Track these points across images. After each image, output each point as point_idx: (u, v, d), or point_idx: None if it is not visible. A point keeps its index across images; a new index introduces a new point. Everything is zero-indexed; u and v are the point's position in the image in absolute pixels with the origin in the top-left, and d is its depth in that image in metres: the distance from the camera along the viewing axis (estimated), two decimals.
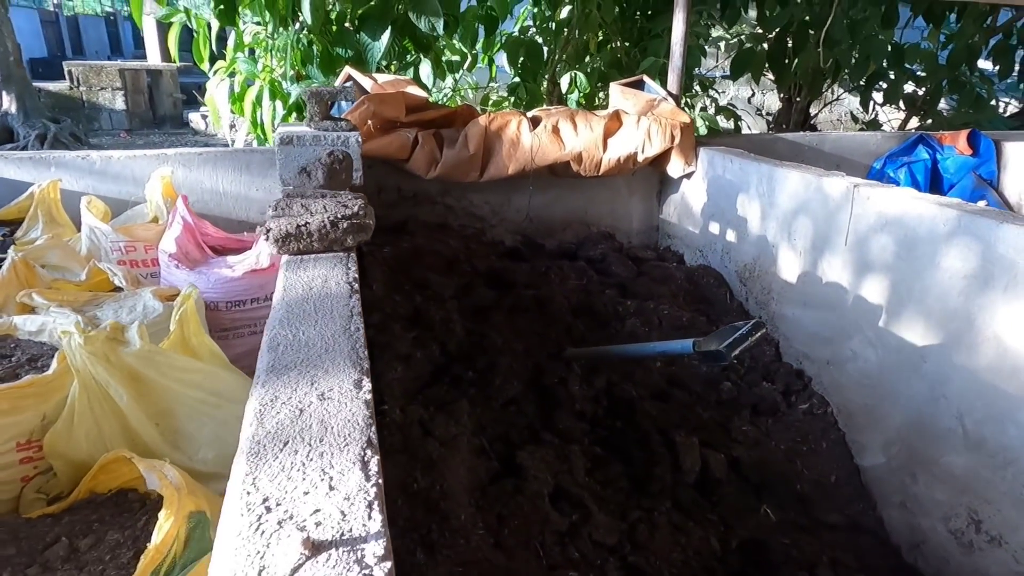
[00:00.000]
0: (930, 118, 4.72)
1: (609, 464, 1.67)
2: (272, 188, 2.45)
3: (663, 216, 2.95)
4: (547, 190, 2.79)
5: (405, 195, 2.68)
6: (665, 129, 2.57)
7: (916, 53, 4.35)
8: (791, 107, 4.62)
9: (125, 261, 2.11)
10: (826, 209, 1.99)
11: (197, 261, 2.04)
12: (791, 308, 2.18)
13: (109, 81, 9.72)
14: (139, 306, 1.78)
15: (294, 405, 0.78)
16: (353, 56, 3.06)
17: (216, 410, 1.47)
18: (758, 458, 1.81)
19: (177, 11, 3.23)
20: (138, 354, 1.39)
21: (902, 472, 1.73)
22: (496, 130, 2.49)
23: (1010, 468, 1.46)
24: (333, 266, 1.25)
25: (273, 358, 0.89)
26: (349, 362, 0.87)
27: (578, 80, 3.78)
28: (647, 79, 2.84)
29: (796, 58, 4.04)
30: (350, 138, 1.86)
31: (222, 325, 1.94)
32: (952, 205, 1.62)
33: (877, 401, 1.83)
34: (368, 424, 0.73)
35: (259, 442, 0.71)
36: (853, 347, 1.91)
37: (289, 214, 1.38)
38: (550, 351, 1.99)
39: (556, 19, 3.96)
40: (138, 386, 1.40)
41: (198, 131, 9.80)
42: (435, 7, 2.93)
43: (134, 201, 2.37)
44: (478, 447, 1.58)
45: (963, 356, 1.57)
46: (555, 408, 1.78)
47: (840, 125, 6.48)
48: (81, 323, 1.37)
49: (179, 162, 2.39)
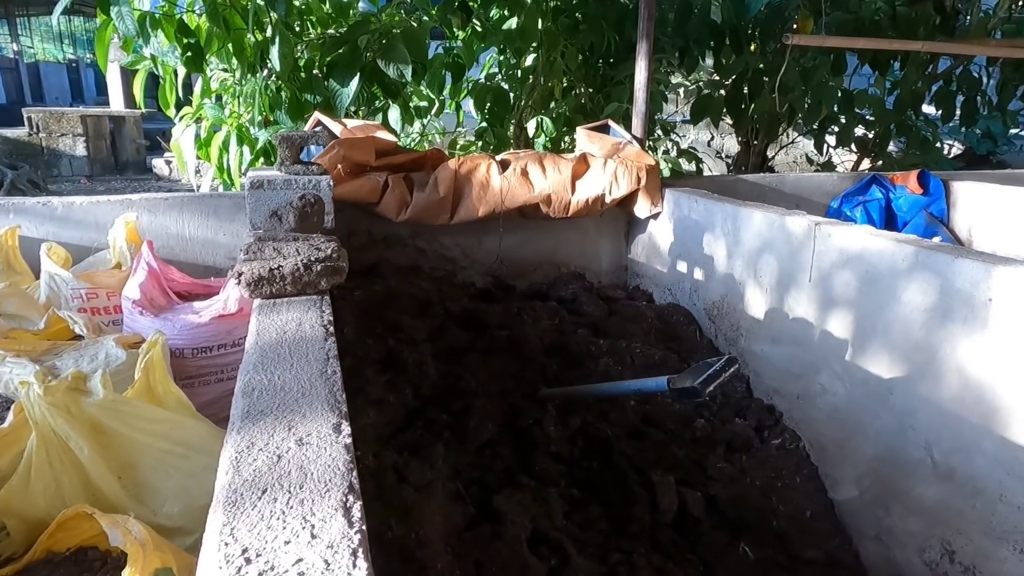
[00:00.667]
0: (881, 159, 4.93)
1: (587, 506, 1.65)
2: (240, 233, 2.43)
3: (632, 256, 3.00)
4: (517, 232, 2.81)
5: (376, 238, 2.68)
6: (631, 171, 2.63)
7: (865, 99, 4.56)
8: (749, 150, 4.78)
9: (86, 308, 2.05)
10: (790, 247, 2.04)
11: (162, 307, 1.99)
12: (760, 344, 2.21)
13: (70, 127, 9.59)
14: (101, 354, 1.72)
15: (272, 451, 0.76)
16: (322, 102, 3.09)
17: (183, 461, 1.41)
18: (734, 495, 1.81)
19: (143, 58, 3.23)
20: (101, 404, 1.34)
21: (875, 505, 1.75)
22: (466, 173, 2.52)
23: (979, 498, 1.49)
24: (307, 309, 1.24)
25: (248, 403, 0.87)
26: (327, 406, 0.86)
27: (545, 125, 3.86)
28: (612, 123, 2.92)
29: (752, 103, 4.20)
30: (321, 182, 1.86)
31: (188, 373, 1.88)
32: (909, 241, 1.68)
33: (847, 434, 1.85)
34: (349, 469, 0.71)
35: (236, 491, 0.68)
36: (822, 381, 1.94)
37: (261, 258, 1.37)
38: (525, 392, 1.98)
39: (522, 66, 4.06)
40: (100, 438, 1.35)
41: (162, 177, 9.68)
42: (403, 55, 2.99)
43: (97, 247, 2.32)
44: (454, 492, 1.55)
45: (928, 388, 1.61)
46: (531, 450, 1.77)
47: (796, 167, 6.72)
48: (41, 373, 1.32)
49: (144, 207, 2.36)
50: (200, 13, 3.04)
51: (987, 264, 1.47)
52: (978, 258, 1.50)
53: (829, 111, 4.43)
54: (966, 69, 4.76)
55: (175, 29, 2.94)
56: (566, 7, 3.94)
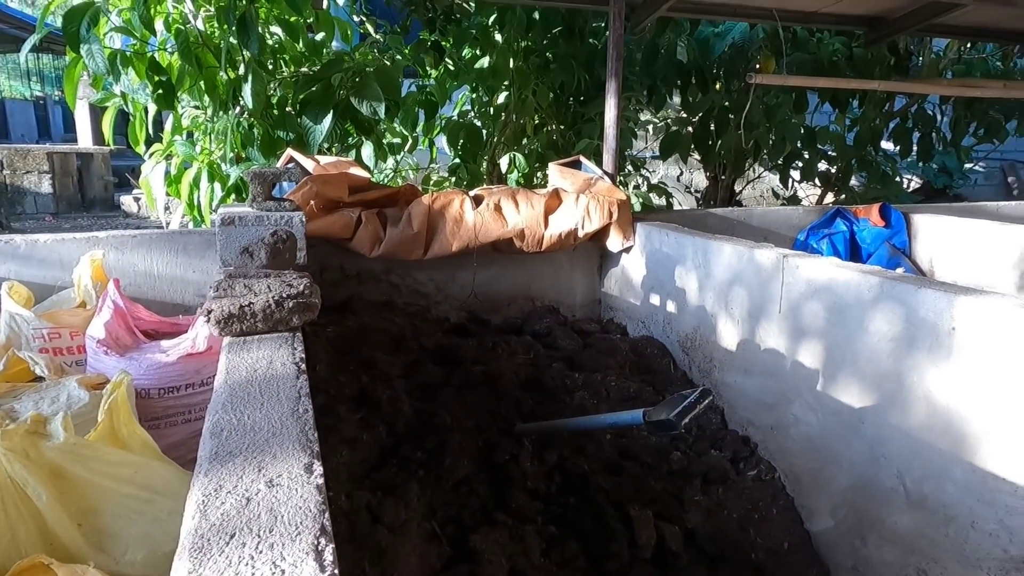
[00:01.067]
0: (844, 193, 5.08)
1: (565, 542, 1.63)
2: (210, 270, 2.39)
3: (605, 289, 3.02)
4: (491, 266, 2.82)
5: (349, 274, 2.66)
6: (603, 206, 2.67)
7: (826, 135, 4.72)
8: (717, 184, 4.89)
9: (48, 349, 2.00)
10: (759, 279, 2.08)
11: (128, 347, 1.94)
12: (733, 375, 2.23)
13: (36, 164, 9.43)
14: (63, 396, 1.67)
15: (240, 494, 0.74)
16: (295, 139, 3.09)
17: (147, 506, 1.36)
18: (712, 528, 1.80)
19: (113, 95, 3.21)
20: (61, 448, 1.29)
21: (851, 535, 1.76)
22: (439, 209, 2.53)
23: (951, 525, 1.50)
24: (279, 346, 1.22)
25: (216, 444, 0.85)
26: (298, 445, 0.84)
27: (517, 161, 3.91)
28: (584, 159, 2.97)
29: (719, 140, 4.31)
30: (294, 218, 1.85)
31: (154, 414, 1.83)
32: (874, 272, 1.72)
33: (821, 464, 1.86)
34: (321, 511, 0.70)
35: (203, 536, 0.66)
36: (794, 412, 1.96)
37: (232, 295, 1.35)
38: (500, 427, 1.96)
39: (494, 104, 4.13)
40: (60, 483, 1.30)
41: (130, 214, 9.54)
42: (377, 93, 3.02)
43: (61, 286, 2.26)
44: (429, 532, 1.52)
45: (898, 416, 1.63)
46: (508, 486, 1.74)
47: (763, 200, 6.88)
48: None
49: (111, 244, 2.31)
50: (172, 51, 3.04)
51: (949, 294, 1.51)
52: (940, 288, 1.54)
53: (793, 147, 4.57)
54: (921, 107, 4.97)
55: (146, 67, 2.94)
56: (537, 47, 4.03)
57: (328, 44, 3.65)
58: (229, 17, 2.87)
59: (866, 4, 3.63)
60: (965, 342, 1.47)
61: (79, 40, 2.62)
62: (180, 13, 3.08)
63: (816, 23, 3.92)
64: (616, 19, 2.81)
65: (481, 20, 3.96)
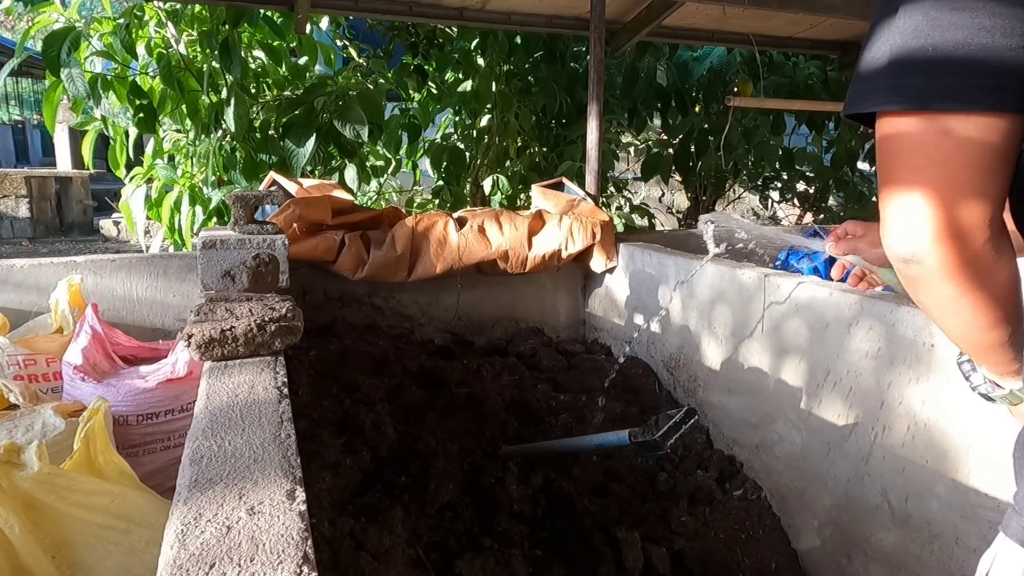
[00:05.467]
0: (822, 213, 5.16)
1: (551, 567, 1.61)
2: (190, 293, 2.37)
3: (589, 310, 3.03)
4: (475, 288, 2.82)
5: (331, 296, 2.64)
6: (586, 227, 2.69)
7: (804, 156, 4.81)
8: (699, 205, 4.95)
9: (23, 376, 1.95)
10: (742, 298, 2.10)
11: (106, 372, 1.91)
12: (717, 395, 2.24)
13: (13, 189, 9.32)
14: (37, 424, 1.63)
15: (220, 522, 0.72)
16: (277, 162, 3.09)
17: (123, 536, 1.33)
18: (699, 549, 1.79)
19: (93, 119, 3.20)
20: (35, 478, 1.26)
21: (837, 554, 1.75)
22: (423, 231, 2.53)
23: (936, 542, 1.51)
24: (260, 371, 1.20)
25: (196, 472, 0.83)
26: (280, 472, 0.82)
27: (500, 183, 3.93)
28: (566, 181, 2.99)
29: (699, 161, 4.38)
30: (276, 241, 1.84)
31: (132, 441, 1.80)
32: (854, 291, 1.75)
33: (806, 483, 1.87)
34: (304, 538, 0.68)
35: (181, 566, 0.64)
36: (779, 430, 1.96)
37: (212, 319, 1.33)
38: (485, 450, 1.94)
39: (477, 127, 4.16)
40: (33, 515, 1.26)
41: (109, 238, 9.44)
42: (360, 116, 3.03)
43: (37, 311, 2.23)
44: (414, 558, 1.50)
45: (880, 433, 1.64)
46: (493, 510, 1.73)
47: None
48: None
49: (89, 269, 2.28)
50: (154, 75, 3.04)
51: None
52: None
53: (771, 168, 4.64)
54: None
55: (127, 90, 2.93)
56: (519, 71, 4.08)
57: (311, 68, 3.67)
58: (212, 41, 2.88)
59: (838, 30, 3.73)
60: (943, 359, 1.49)
61: (59, 64, 2.61)
62: (162, 37, 3.08)
63: (791, 47, 4.01)
64: (596, 44, 2.85)
65: (463, 45, 4.00)
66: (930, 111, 0.58)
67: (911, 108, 0.58)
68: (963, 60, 0.56)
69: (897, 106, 0.59)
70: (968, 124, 0.57)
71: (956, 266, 0.61)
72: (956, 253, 0.60)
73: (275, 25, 3.24)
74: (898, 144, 0.60)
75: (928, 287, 0.65)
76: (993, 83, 0.55)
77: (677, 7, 3.21)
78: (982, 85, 0.56)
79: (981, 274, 0.62)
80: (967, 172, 0.57)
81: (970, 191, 0.58)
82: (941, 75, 0.56)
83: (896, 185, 0.61)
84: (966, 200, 0.58)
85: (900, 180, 0.61)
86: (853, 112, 0.64)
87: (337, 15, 3.97)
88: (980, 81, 0.56)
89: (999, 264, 0.63)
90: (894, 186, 0.62)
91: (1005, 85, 0.55)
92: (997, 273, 0.63)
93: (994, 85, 0.55)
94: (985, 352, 0.72)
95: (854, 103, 0.64)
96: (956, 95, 0.56)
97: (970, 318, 0.66)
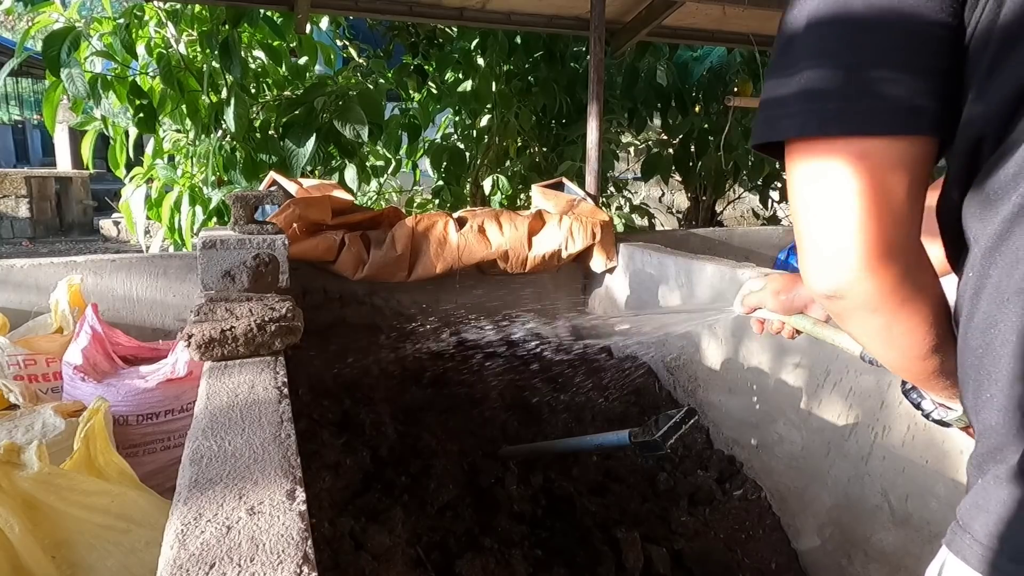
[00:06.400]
0: None
1: (551, 567, 1.61)
2: (190, 294, 2.37)
3: (588, 309, 3.03)
4: (474, 288, 2.82)
5: (331, 296, 2.64)
6: (586, 227, 2.69)
7: None
8: (699, 205, 4.95)
9: (23, 376, 1.95)
10: None
11: (106, 372, 1.91)
12: (717, 395, 2.24)
13: (13, 189, 9.32)
14: (37, 424, 1.63)
15: (220, 522, 0.72)
16: (277, 162, 3.09)
17: (123, 536, 1.33)
18: (699, 549, 1.79)
19: (93, 119, 3.20)
20: (35, 478, 1.26)
21: (837, 554, 1.75)
22: (423, 231, 2.53)
23: (936, 542, 1.50)
24: (260, 371, 1.20)
25: (196, 472, 0.83)
26: (280, 472, 0.82)
27: (500, 183, 3.93)
28: (566, 181, 2.99)
29: (699, 161, 4.37)
30: (276, 241, 1.84)
31: (132, 441, 1.80)
32: None
33: (806, 483, 1.87)
34: (304, 538, 0.68)
35: (181, 566, 0.64)
36: (779, 430, 1.96)
37: (213, 319, 1.33)
38: (485, 450, 1.94)
39: (477, 127, 4.16)
40: (33, 514, 1.26)
41: (109, 238, 9.44)
42: (360, 116, 3.03)
43: (37, 312, 2.23)
44: (414, 558, 1.50)
45: (880, 433, 1.64)
46: (493, 510, 1.73)
47: (744, 221, 6.97)
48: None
49: (89, 269, 2.28)
50: (154, 75, 3.04)
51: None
52: None
53: (772, 168, 4.64)
54: None
55: (127, 91, 2.93)
56: (519, 71, 4.08)
57: (311, 68, 3.67)
58: (212, 41, 2.87)
59: None
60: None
61: (59, 64, 2.61)
62: (162, 37, 3.08)
63: None
64: (596, 44, 2.85)
65: (463, 45, 4.00)
66: (846, 136, 0.54)
67: (826, 134, 0.55)
68: (878, 82, 0.53)
69: (811, 133, 0.55)
70: (886, 148, 0.54)
71: (883, 297, 0.58)
72: (881, 284, 0.57)
73: (275, 25, 3.24)
74: (812, 173, 0.56)
75: (858, 321, 0.62)
76: (909, 105, 0.53)
77: (677, 7, 3.21)
78: (898, 107, 0.53)
79: (909, 301, 0.59)
80: (886, 198, 0.54)
81: (890, 218, 0.55)
82: (857, 98, 0.53)
83: (813, 217, 0.57)
84: (887, 228, 0.55)
85: (817, 212, 0.57)
86: (764, 141, 0.60)
87: (337, 15, 3.97)
88: (896, 103, 0.53)
89: (925, 290, 0.60)
90: (811, 219, 0.58)
91: (921, 106, 0.53)
92: (925, 298, 0.61)
93: (910, 107, 0.53)
94: (929, 378, 0.69)
95: (765, 131, 0.59)
96: (872, 119, 0.53)
97: (908, 347, 0.64)
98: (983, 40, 0.53)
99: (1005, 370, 0.55)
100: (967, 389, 0.61)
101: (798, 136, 0.57)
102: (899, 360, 0.67)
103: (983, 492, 0.56)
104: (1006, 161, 0.53)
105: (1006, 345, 0.54)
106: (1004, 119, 0.53)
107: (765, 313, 0.94)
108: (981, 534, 0.55)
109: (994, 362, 0.56)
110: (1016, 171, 0.53)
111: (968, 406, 0.62)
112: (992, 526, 0.54)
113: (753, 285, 0.98)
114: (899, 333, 0.62)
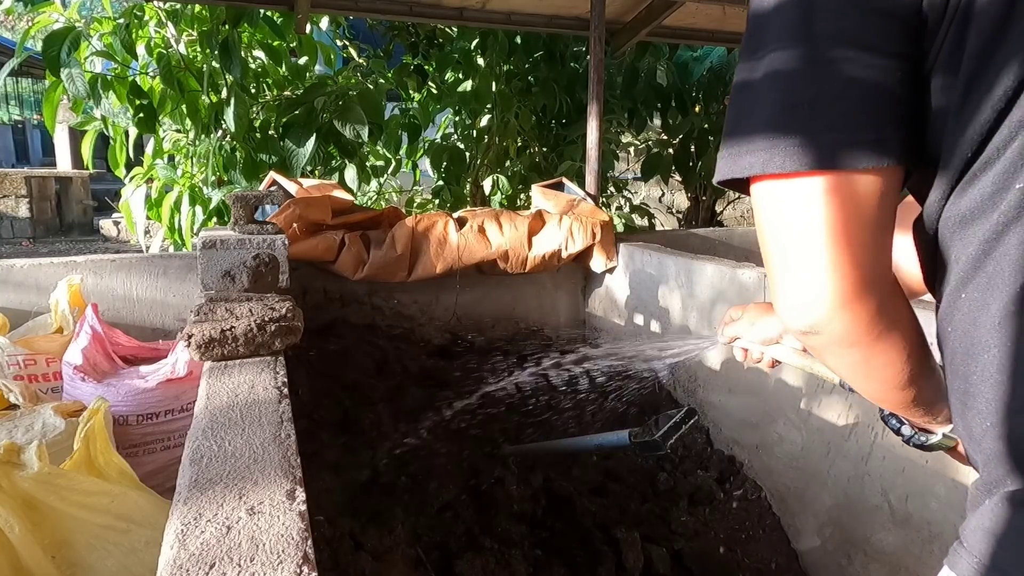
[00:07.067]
0: None
1: (551, 567, 1.61)
2: (190, 293, 2.37)
3: (588, 310, 3.03)
4: (474, 288, 2.82)
5: (331, 297, 2.64)
6: (586, 227, 2.69)
7: None
8: (699, 205, 4.95)
9: (23, 376, 1.95)
10: (741, 298, 2.10)
11: (106, 372, 1.91)
12: (717, 395, 2.24)
13: (13, 189, 9.32)
14: (37, 424, 1.63)
15: (220, 522, 0.72)
16: (277, 162, 3.09)
17: (123, 536, 1.33)
18: (699, 549, 1.80)
19: (93, 119, 3.20)
20: (35, 478, 1.26)
21: (838, 554, 1.75)
22: (423, 231, 2.53)
23: (936, 542, 1.51)
24: (260, 371, 1.20)
25: (196, 472, 0.83)
26: (280, 471, 0.83)
27: (500, 183, 3.93)
28: (566, 181, 2.99)
29: (699, 161, 4.37)
30: (276, 240, 1.84)
31: (131, 441, 1.80)
32: None
33: (806, 483, 1.87)
34: (304, 538, 0.68)
35: (181, 566, 0.64)
36: (778, 430, 1.96)
37: (213, 319, 1.33)
38: (485, 450, 1.94)
39: (477, 127, 4.16)
40: (33, 515, 1.26)
41: (109, 238, 9.44)
42: (360, 116, 3.03)
43: (37, 312, 2.23)
44: (414, 558, 1.50)
45: (880, 433, 1.64)
46: (493, 510, 1.73)
47: (744, 221, 6.97)
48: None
49: (89, 269, 2.28)
50: (154, 75, 3.04)
51: (919, 310, 1.52)
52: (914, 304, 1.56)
53: None
54: None
55: (127, 91, 2.93)
56: (519, 71, 4.08)
57: (311, 68, 3.66)
58: (212, 41, 2.87)
59: None
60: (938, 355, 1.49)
61: (59, 64, 2.61)
62: (162, 37, 3.08)
63: None
64: (596, 43, 2.85)
65: (463, 44, 4.00)
66: (814, 171, 0.52)
67: (793, 169, 0.53)
68: (843, 114, 0.52)
69: (778, 168, 0.53)
70: (854, 181, 0.53)
71: (860, 332, 0.57)
72: (857, 319, 0.56)
73: (275, 25, 3.24)
74: (781, 209, 0.55)
75: (835, 355, 0.61)
76: (875, 136, 0.52)
77: (677, 7, 3.21)
78: (864, 139, 0.52)
79: (886, 333, 0.59)
80: (857, 231, 0.53)
81: (862, 252, 0.54)
82: (821, 131, 0.52)
83: (783, 253, 0.56)
84: (860, 262, 0.54)
85: (787, 248, 0.55)
86: (728, 179, 0.58)
87: (337, 15, 3.97)
88: (862, 135, 0.52)
89: (901, 320, 0.60)
90: (781, 255, 0.56)
91: (887, 137, 0.52)
92: (901, 329, 0.60)
93: (876, 138, 0.52)
94: (908, 406, 0.69)
95: (730, 167, 0.57)
96: (839, 152, 0.52)
97: (886, 379, 0.63)
98: (950, 66, 0.52)
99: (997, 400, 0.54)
100: (957, 413, 0.61)
101: (761, 173, 0.55)
102: (878, 391, 0.67)
103: (989, 514, 0.56)
104: (982, 181, 0.53)
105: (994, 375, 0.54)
106: (980, 141, 0.52)
107: (744, 343, 0.94)
108: (985, 556, 0.55)
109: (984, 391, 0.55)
110: (993, 191, 0.52)
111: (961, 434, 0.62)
112: (996, 548, 0.54)
113: (732, 314, 0.97)
114: (877, 366, 0.62)
